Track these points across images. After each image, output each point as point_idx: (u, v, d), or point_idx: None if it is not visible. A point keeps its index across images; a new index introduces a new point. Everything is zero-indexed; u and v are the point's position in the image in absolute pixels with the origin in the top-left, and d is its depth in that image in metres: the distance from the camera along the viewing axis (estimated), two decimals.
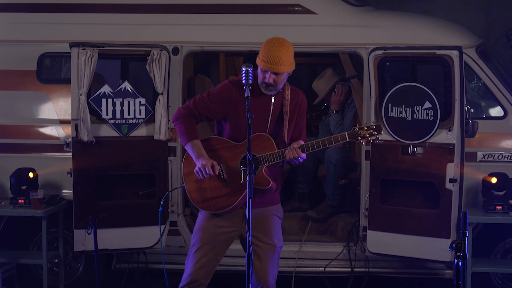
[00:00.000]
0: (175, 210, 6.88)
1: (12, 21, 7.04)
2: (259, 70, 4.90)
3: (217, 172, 4.91)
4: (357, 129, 4.94)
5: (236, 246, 5.28)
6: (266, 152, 4.93)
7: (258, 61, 4.90)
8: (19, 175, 6.72)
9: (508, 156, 6.67)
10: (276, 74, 4.85)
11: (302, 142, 4.96)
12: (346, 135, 4.93)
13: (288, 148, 4.91)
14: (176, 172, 6.79)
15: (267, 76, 4.87)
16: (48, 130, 6.97)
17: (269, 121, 4.98)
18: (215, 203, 5.00)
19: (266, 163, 4.93)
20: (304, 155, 4.93)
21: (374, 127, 4.95)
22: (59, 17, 6.98)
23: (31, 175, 6.73)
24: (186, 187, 5.05)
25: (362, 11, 7.08)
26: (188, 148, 4.99)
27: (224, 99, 4.98)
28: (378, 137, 5.04)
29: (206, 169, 4.86)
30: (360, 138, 4.94)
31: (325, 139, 4.92)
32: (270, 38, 4.94)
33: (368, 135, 4.93)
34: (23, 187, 6.73)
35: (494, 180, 6.46)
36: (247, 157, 4.53)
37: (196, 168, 4.90)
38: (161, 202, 5.41)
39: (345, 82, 7.36)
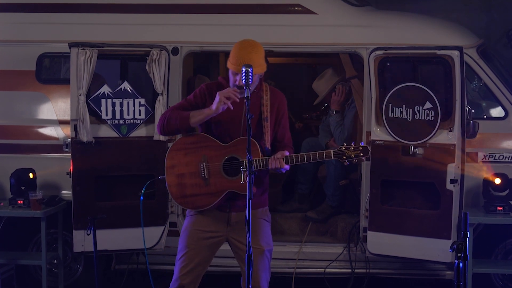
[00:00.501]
0: (174, 211, 6.86)
1: (11, 21, 7.03)
2: (230, 73, 4.87)
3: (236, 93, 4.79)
4: (343, 148, 4.90)
5: (225, 247, 5.23)
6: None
7: (228, 64, 4.86)
8: (19, 176, 6.71)
9: (509, 156, 6.66)
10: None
11: (286, 153, 4.88)
12: (332, 153, 4.89)
13: (272, 157, 4.84)
14: None
15: (237, 78, 4.83)
16: (47, 131, 6.97)
17: (243, 121, 4.91)
18: (194, 201, 4.97)
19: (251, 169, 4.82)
20: (287, 167, 4.87)
21: (361, 148, 4.90)
22: (58, 17, 6.98)
23: (31, 175, 6.71)
24: (167, 180, 4.99)
25: (363, 11, 7.07)
26: (194, 120, 4.84)
27: (204, 97, 4.97)
28: (364, 159, 4.93)
29: (226, 96, 4.75)
30: (345, 157, 4.89)
31: (310, 154, 4.88)
32: (240, 41, 4.90)
33: (353, 156, 4.89)
34: (22, 188, 6.72)
35: (497, 181, 6.44)
36: (247, 158, 4.49)
37: (220, 104, 4.77)
38: (142, 191, 5.37)
39: (345, 82, 7.34)
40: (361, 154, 4.88)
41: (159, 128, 4.97)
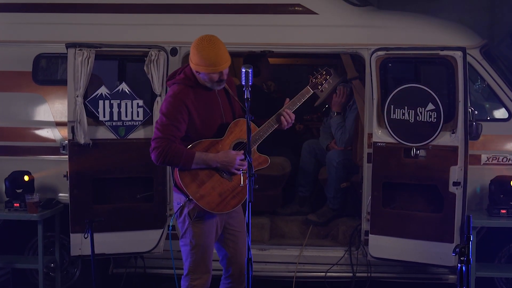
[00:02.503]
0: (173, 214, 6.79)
1: (7, 21, 6.98)
2: (204, 75, 4.98)
3: (242, 156, 5.04)
4: (313, 80, 5.33)
5: None
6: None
7: (200, 68, 4.95)
8: (15, 179, 6.68)
9: None
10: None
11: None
12: (309, 88, 5.31)
13: (282, 114, 5.12)
14: None
15: (215, 76, 4.98)
16: (44, 132, 6.93)
17: (222, 109, 5.12)
18: (229, 202, 5.08)
19: (256, 143, 5.10)
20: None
21: (324, 72, 5.35)
22: (55, 17, 6.93)
23: (26, 178, 6.67)
24: (194, 199, 5.05)
25: (364, 11, 7.04)
26: (196, 166, 5.00)
27: (182, 111, 5.02)
28: (330, 80, 5.45)
29: (238, 161, 5.01)
30: (320, 86, 5.36)
31: (296, 98, 5.27)
32: (197, 40, 5.00)
33: (324, 82, 5.38)
34: (19, 191, 6.68)
35: None
36: (246, 160, 4.58)
37: (232, 169, 5.04)
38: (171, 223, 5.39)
39: (346, 83, 7.28)
40: (328, 76, 5.39)
41: (157, 162, 5.02)
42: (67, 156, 6.48)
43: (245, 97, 4.61)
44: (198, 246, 5.14)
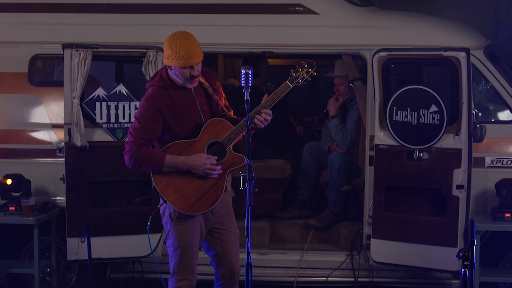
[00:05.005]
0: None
1: (2, 22, 6.94)
2: (175, 70, 4.97)
3: (214, 161, 5.03)
4: (294, 74, 5.15)
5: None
6: (225, 133, 5.07)
7: (172, 62, 4.94)
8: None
9: None
10: (197, 64, 4.99)
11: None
12: (288, 82, 5.12)
13: (255, 116, 5.03)
14: None
15: (194, 69, 4.98)
16: (40, 135, 6.90)
17: (200, 108, 5.12)
18: (205, 201, 5.07)
19: (231, 142, 5.08)
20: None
21: (307, 65, 5.16)
22: (51, 17, 6.89)
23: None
24: (169, 201, 5.07)
25: (366, 11, 7.00)
26: (167, 169, 5.02)
27: (155, 114, 5.04)
28: (314, 72, 5.18)
29: (207, 165, 4.99)
30: (300, 80, 5.15)
31: (274, 94, 5.08)
32: (170, 36, 4.99)
33: (306, 75, 5.16)
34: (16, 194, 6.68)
35: None
36: (246, 163, 4.56)
37: (203, 172, 5.01)
38: (148, 223, 5.33)
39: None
40: (310, 69, 5.17)
41: (129, 165, 5.07)
42: (63, 159, 6.46)
43: (245, 98, 4.59)
44: (180, 247, 5.15)
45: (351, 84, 7.10)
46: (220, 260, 5.26)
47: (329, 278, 6.84)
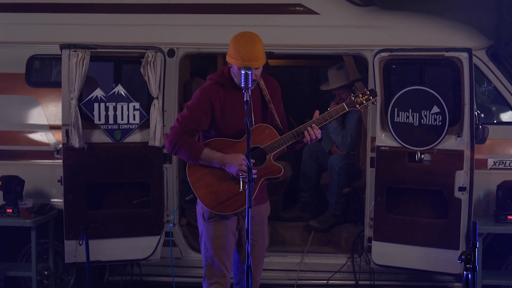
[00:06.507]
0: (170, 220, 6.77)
1: None
2: (235, 68, 4.96)
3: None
4: (353, 98, 5.11)
5: None
6: (269, 140, 5.02)
7: (232, 60, 4.94)
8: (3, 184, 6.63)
9: None
10: (256, 69, 4.94)
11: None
12: (345, 105, 5.08)
13: (307, 128, 5.04)
14: (172, 179, 6.75)
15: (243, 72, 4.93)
16: (38, 136, 6.88)
17: (253, 114, 5.05)
18: (232, 203, 5.02)
19: (273, 151, 5.02)
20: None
21: (368, 92, 5.13)
22: (49, 18, 6.88)
23: None
24: (197, 195, 5.05)
25: (367, 11, 7.00)
26: (202, 162, 4.99)
27: (206, 105, 5.04)
28: (375, 101, 5.19)
29: (242, 166, 4.89)
30: (358, 106, 5.12)
31: (327, 113, 5.06)
32: (237, 34, 4.98)
33: (365, 101, 5.12)
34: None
35: None
36: (246, 164, 4.56)
37: (236, 172, 4.94)
38: (172, 217, 5.51)
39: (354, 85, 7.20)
40: (371, 97, 5.13)
41: (167, 150, 5.09)
42: (61, 161, 6.43)
43: (245, 99, 4.56)
44: (211, 248, 5.10)
45: (353, 86, 7.08)
46: (241, 267, 5.20)
47: (329, 281, 6.83)
